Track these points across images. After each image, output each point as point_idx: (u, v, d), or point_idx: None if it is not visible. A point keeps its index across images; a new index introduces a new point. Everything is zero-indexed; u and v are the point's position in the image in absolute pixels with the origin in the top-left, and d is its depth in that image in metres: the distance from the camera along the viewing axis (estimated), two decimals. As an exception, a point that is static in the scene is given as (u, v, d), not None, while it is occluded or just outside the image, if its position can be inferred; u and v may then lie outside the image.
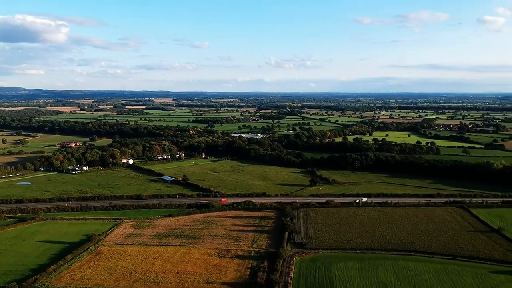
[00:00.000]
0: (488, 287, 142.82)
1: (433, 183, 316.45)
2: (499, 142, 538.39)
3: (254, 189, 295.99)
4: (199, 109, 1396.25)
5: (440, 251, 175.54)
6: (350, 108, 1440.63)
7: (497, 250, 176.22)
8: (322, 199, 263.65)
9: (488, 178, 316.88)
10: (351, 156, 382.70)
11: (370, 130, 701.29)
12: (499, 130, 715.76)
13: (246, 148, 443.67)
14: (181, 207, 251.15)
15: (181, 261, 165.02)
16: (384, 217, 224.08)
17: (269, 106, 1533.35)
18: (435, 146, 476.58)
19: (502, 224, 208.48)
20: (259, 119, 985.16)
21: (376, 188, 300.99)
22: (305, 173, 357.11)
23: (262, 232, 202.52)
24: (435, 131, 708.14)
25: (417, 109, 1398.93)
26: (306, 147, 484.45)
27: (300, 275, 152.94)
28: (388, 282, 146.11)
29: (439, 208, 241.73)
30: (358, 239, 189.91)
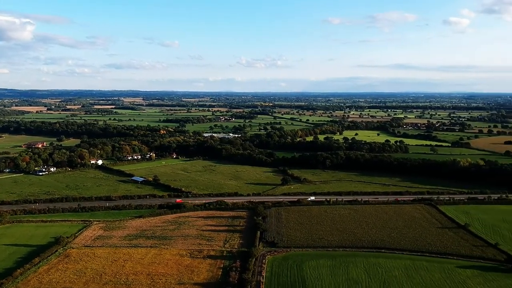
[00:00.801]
0: (455, 281, 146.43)
1: (402, 181, 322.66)
2: (465, 141, 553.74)
3: (226, 188, 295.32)
4: (170, 108, 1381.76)
5: (409, 247, 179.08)
6: (321, 107, 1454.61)
7: (464, 246, 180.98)
8: (294, 197, 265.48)
9: (455, 175, 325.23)
10: (322, 155, 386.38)
11: (341, 129, 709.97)
12: (465, 129, 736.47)
13: (218, 148, 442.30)
14: (152, 207, 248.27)
15: (152, 262, 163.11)
16: (354, 215, 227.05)
17: (241, 106, 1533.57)
18: (403, 145, 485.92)
19: (468, 220, 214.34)
20: (230, 118, 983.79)
21: (346, 186, 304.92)
22: (277, 172, 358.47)
23: (234, 232, 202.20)
24: (403, 130, 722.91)
25: (386, 109, 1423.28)
26: (278, 147, 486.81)
27: (273, 273, 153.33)
28: (359, 279, 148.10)
29: (408, 206, 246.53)
30: (329, 237, 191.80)
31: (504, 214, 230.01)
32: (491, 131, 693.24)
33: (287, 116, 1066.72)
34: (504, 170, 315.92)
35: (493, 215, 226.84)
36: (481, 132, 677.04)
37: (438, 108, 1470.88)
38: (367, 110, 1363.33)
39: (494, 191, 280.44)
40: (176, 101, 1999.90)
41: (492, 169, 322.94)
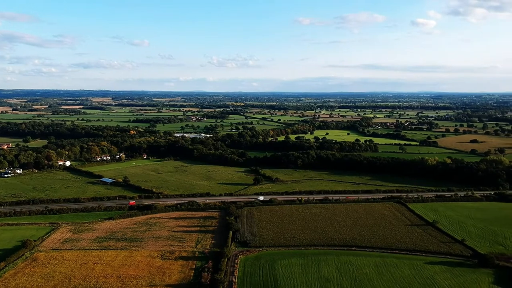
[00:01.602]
0: (423, 277, 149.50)
1: (372, 179, 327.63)
2: (432, 139, 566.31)
3: (197, 189, 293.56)
4: (140, 108, 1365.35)
5: (379, 245, 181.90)
6: (292, 107, 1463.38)
7: (432, 242, 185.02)
8: (266, 197, 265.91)
9: (423, 173, 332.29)
10: (294, 154, 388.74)
11: (312, 128, 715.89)
12: (432, 128, 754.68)
13: (189, 148, 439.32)
14: (122, 209, 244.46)
15: (122, 264, 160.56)
16: (325, 213, 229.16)
17: (212, 106, 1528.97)
18: (373, 144, 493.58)
19: (436, 217, 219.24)
20: (202, 118, 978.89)
21: (317, 185, 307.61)
22: (248, 172, 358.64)
23: (206, 232, 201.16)
24: (373, 129, 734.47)
25: (356, 108, 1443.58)
26: (250, 146, 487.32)
27: (245, 273, 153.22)
28: (331, 277, 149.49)
29: (378, 204, 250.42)
30: (301, 235, 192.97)
31: (470, 211, 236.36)
32: (457, 130, 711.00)
33: (259, 116, 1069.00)
34: (470, 168, 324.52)
35: (460, 212, 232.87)
36: (448, 131, 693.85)
37: (407, 107, 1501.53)
38: (337, 110, 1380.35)
39: (460, 188, 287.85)
40: (146, 101, 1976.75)
41: (458, 167, 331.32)
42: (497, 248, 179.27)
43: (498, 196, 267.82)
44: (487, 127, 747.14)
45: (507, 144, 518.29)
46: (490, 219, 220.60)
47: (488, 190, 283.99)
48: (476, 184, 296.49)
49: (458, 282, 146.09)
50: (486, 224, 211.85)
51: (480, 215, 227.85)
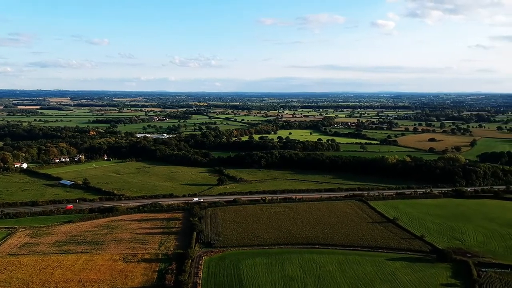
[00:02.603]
0: (385, 273, 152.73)
1: (334, 178, 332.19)
2: (392, 138, 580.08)
3: (160, 190, 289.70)
4: (100, 108, 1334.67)
5: (342, 242, 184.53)
6: (255, 107, 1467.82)
7: (393, 239, 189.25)
8: (230, 197, 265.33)
9: (384, 172, 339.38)
10: (257, 154, 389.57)
11: (275, 128, 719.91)
12: (392, 127, 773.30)
13: (152, 149, 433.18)
14: (82, 212, 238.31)
15: (83, 268, 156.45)
16: (289, 212, 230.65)
17: (175, 106, 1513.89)
18: (335, 143, 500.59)
19: (396, 215, 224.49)
20: (164, 118, 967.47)
21: (281, 184, 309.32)
22: (212, 172, 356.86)
23: (170, 234, 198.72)
24: (335, 129, 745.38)
25: (318, 108, 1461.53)
26: (213, 147, 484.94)
27: (209, 274, 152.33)
28: (295, 275, 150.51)
29: (340, 202, 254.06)
30: (265, 235, 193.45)
31: (429, 207, 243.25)
32: (416, 129, 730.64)
33: (222, 116, 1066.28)
34: (429, 166, 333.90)
35: (419, 209, 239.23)
36: (407, 130, 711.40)
37: (367, 107, 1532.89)
38: (300, 109, 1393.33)
39: (419, 186, 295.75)
40: (106, 101, 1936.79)
41: (417, 165, 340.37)
42: (454, 243, 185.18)
43: (455, 192, 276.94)
44: (444, 126, 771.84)
45: (463, 142, 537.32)
46: (448, 215, 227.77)
47: (446, 187, 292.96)
48: (434, 182, 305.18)
49: (418, 277, 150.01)
50: (444, 220, 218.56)
51: (438, 211, 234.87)
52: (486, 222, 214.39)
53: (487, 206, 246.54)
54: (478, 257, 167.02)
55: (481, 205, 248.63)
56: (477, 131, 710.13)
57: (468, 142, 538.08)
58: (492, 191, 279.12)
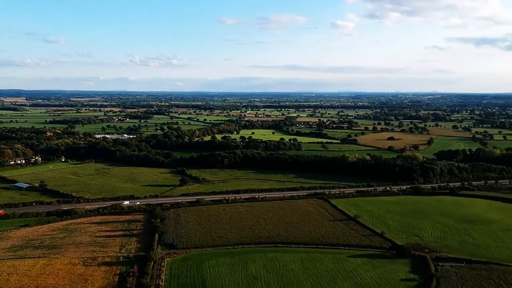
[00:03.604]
0: (346, 270, 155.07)
1: (297, 177, 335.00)
2: (352, 137, 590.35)
3: (121, 192, 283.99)
4: (57, 109, 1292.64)
5: (305, 240, 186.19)
6: (218, 107, 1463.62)
7: (354, 236, 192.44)
8: (193, 198, 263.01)
9: (344, 170, 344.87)
10: (220, 154, 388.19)
11: (238, 128, 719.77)
12: (352, 126, 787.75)
13: (112, 150, 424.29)
14: (39, 215, 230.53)
15: (41, 273, 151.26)
16: (252, 212, 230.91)
17: (135, 106, 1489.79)
18: (297, 143, 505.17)
19: (357, 212, 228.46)
20: (124, 119, 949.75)
21: (244, 184, 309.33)
22: (175, 173, 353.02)
23: (131, 236, 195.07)
24: (297, 128, 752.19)
25: (280, 108, 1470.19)
26: (175, 147, 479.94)
27: (172, 276, 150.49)
28: (258, 274, 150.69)
29: (302, 200, 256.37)
30: (228, 235, 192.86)
31: (388, 204, 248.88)
32: (375, 128, 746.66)
33: (184, 116, 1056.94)
34: (388, 164, 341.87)
35: (379, 206, 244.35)
36: (367, 129, 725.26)
37: (328, 107, 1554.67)
38: (262, 109, 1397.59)
39: (379, 183, 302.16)
40: (63, 101, 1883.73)
41: (377, 164, 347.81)
42: (413, 239, 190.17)
43: (413, 190, 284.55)
44: (402, 125, 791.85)
45: (421, 141, 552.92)
46: (407, 212, 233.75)
47: (404, 185, 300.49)
48: (394, 179, 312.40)
49: (379, 273, 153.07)
50: (403, 216, 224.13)
51: (397, 208, 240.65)
52: (443, 218, 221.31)
53: (444, 203, 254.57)
54: (435, 252, 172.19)
55: (438, 202, 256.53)
56: (434, 129, 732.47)
57: (426, 141, 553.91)
58: (448, 188, 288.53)
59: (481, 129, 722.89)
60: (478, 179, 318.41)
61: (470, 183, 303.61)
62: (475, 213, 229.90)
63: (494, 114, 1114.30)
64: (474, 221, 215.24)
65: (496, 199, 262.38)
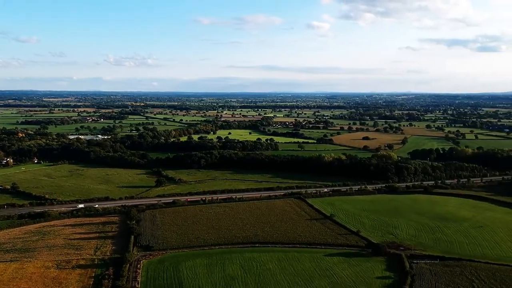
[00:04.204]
0: (323, 269, 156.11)
1: (273, 177, 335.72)
2: (328, 137, 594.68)
3: (95, 193, 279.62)
4: (29, 109, 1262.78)
5: (282, 240, 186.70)
6: (194, 107, 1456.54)
7: (330, 235, 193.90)
8: (169, 199, 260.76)
9: (321, 170, 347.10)
10: (197, 154, 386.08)
11: (214, 128, 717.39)
12: (328, 126, 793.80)
13: (86, 151, 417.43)
14: (11, 218, 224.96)
15: (13, 278, 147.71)
16: (229, 212, 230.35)
17: (110, 106, 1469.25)
18: (274, 143, 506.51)
19: (333, 211, 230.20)
20: (99, 119, 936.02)
21: (221, 184, 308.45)
22: (150, 174, 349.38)
23: (106, 238, 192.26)
24: (273, 128, 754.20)
25: (257, 108, 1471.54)
26: (151, 147, 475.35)
27: (148, 278, 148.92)
28: (235, 275, 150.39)
29: (279, 200, 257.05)
30: (205, 236, 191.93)
31: (363, 203, 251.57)
32: (351, 128, 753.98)
33: (160, 116, 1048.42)
34: (363, 163, 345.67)
35: (355, 205, 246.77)
36: (342, 129, 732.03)
37: (304, 107, 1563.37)
38: (239, 109, 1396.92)
39: (355, 183, 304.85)
40: (36, 101, 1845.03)
41: (352, 163, 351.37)
42: (388, 237, 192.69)
43: (388, 188, 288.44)
44: (377, 125, 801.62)
45: (395, 140, 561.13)
46: (382, 210, 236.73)
47: (379, 184, 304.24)
48: (369, 178, 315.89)
49: (355, 271, 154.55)
50: (378, 215, 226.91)
51: (372, 207, 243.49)
52: (417, 216, 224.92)
53: (418, 201, 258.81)
54: (410, 249, 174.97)
55: (412, 200, 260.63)
56: (408, 129, 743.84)
57: (400, 140, 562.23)
58: (422, 186, 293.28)
59: (453, 128, 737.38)
60: (451, 178, 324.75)
61: (444, 182, 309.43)
62: (448, 211, 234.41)
63: (466, 114, 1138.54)
64: (447, 219, 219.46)
65: (468, 197, 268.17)
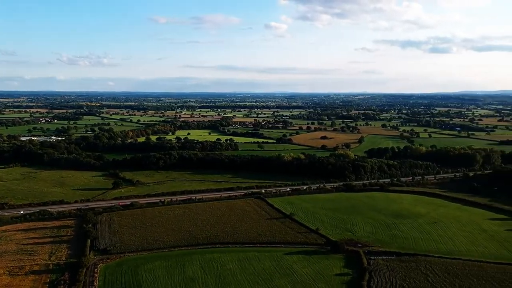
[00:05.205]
0: (283, 268, 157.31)
1: (233, 177, 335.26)
2: (287, 137, 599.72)
3: (50, 197, 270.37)
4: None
5: (242, 240, 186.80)
6: (152, 107, 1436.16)
7: (290, 234, 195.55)
8: (127, 201, 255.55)
9: (280, 169, 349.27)
10: (155, 155, 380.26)
11: (173, 129, 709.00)
12: (287, 126, 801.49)
13: (39, 153, 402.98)
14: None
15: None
16: (189, 213, 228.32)
17: (64, 106, 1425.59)
18: (234, 143, 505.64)
19: (293, 210, 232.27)
20: (52, 120, 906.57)
21: (180, 185, 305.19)
22: (107, 176, 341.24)
23: (61, 243, 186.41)
24: (233, 129, 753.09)
25: (216, 108, 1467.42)
26: (108, 149, 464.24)
27: (106, 282, 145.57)
28: (196, 276, 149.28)
29: (240, 200, 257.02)
30: (164, 238, 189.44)
31: (322, 202, 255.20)
32: (309, 128, 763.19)
33: (117, 117, 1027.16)
34: (321, 163, 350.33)
35: (314, 204, 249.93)
36: (301, 129, 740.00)
37: (264, 107, 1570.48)
38: (198, 110, 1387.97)
39: (313, 181, 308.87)
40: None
41: (311, 162, 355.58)
42: (346, 234, 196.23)
43: (345, 187, 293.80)
44: (335, 125, 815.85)
45: (352, 139, 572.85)
46: (340, 208, 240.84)
47: (337, 182, 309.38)
48: (327, 177, 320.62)
49: (314, 269, 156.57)
50: (336, 213, 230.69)
51: (331, 205, 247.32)
52: (374, 213, 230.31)
53: (375, 199, 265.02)
54: (367, 246, 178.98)
55: (369, 198, 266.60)
56: (364, 128, 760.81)
57: (357, 139, 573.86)
58: (378, 184, 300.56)
59: (408, 127, 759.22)
60: (406, 175, 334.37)
61: (399, 179, 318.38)
62: (404, 208, 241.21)
63: (420, 113, 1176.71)
64: (403, 216, 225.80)
65: (423, 194, 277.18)
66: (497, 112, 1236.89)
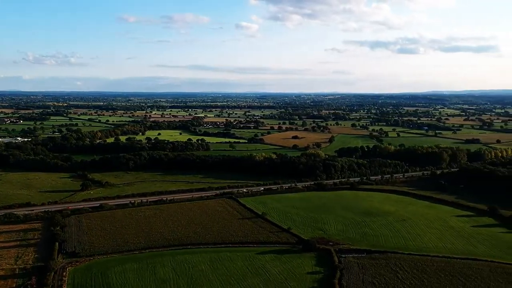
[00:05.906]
0: (255, 267, 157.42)
1: (205, 177, 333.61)
2: (259, 137, 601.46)
3: (16, 199, 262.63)
4: None
5: (214, 240, 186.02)
6: (121, 107, 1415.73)
7: (262, 233, 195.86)
8: (96, 203, 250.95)
9: (252, 169, 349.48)
10: (125, 156, 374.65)
11: (143, 129, 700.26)
12: (259, 126, 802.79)
13: (4, 154, 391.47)
14: None
15: None
16: (160, 214, 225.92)
17: (30, 106, 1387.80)
18: (205, 143, 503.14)
19: (265, 210, 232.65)
20: (18, 120, 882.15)
21: (151, 186, 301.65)
22: (75, 177, 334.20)
23: (28, 246, 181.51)
24: (204, 129, 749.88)
25: (187, 108, 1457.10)
26: (76, 150, 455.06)
27: (75, 285, 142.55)
28: (167, 278, 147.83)
29: (211, 201, 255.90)
30: (135, 239, 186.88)
31: (294, 201, 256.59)
32: (281, 128, 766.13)
33: (85, 117, 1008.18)
34: (293, 162, 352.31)
35: (285, 203, 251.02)
36: (272, 129, 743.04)
37: (235, 107, 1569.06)
38: (169, 110, 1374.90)
39: (285, 181, 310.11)
40: None
41: (283, 162, 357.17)
42: (317, 233, 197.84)
43: (316, 186, 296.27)
44: (306, 124, 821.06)
45: (323, 139, 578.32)
46: (311, 207, 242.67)
47: (309, 181, 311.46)
48: (299, 176, 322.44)
49: (286, 268, 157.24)
50: (308, 212, 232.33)
51: (302, 204, 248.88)
52: (345, 212, 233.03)
53: (345, 197, 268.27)
54: (338, 244, 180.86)
55: (339, 196, 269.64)
56: (334, 128, 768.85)
57: (327, 139, 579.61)
58: (348, 183, 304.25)
59: (377, 127, 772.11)
60: (375, 174, 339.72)
61: (369, 178, 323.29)
62: (374, 206, 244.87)
63: (389, 113, 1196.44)
64: (373, 214, 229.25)
65: (392, 192, 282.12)
66: (463, 111, 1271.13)
